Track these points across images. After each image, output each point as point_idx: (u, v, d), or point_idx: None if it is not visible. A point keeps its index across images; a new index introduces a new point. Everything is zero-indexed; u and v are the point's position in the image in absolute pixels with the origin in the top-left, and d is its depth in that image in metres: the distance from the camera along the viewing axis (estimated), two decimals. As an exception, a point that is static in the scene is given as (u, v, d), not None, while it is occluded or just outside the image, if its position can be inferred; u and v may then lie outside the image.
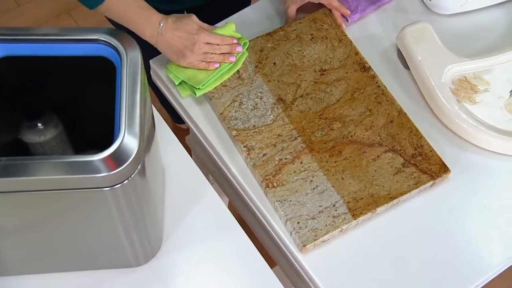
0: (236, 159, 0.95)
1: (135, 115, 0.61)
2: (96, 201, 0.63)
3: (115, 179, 0.60)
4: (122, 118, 0.60)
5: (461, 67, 1.00)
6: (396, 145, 0.94)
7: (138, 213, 0.69)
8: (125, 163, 0.59)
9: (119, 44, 0.64)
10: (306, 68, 1.01)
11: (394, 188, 0.90)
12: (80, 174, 0.57)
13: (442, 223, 0.91)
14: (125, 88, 0.62)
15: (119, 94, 0.61)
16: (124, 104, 0.61)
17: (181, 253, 0.86)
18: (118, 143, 0.59)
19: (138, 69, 0.63)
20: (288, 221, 0.87)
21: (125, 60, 0.63)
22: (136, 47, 0.64)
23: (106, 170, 0.58)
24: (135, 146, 0.60)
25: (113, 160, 0.58)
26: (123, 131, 0.59)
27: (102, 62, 0.67)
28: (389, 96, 0.98)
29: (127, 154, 0.60)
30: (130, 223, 0.70)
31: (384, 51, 1.07)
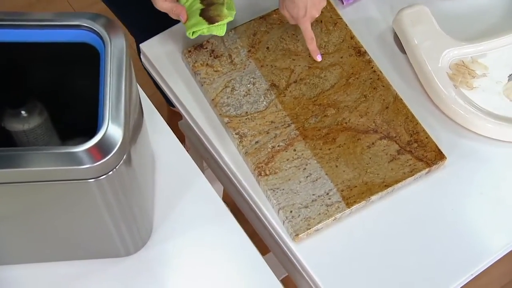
0: (228, 146, 0.93)
1: (120, 104, 0.59)
2: (81, 193, 0.62)
3: (100, 170, 0.59)
4: (106, 107, 0.58)
5: (458, 51, 0.98)
6: (392, 132, 0.92)
7: (125, 203, 0.68)
8: (109, 153, 0.58)
9: (102, 30, 0.62)
10: (300, 53, 0.99)
11: (389, 175, 0.89)
12: (62, 165, 0.56)
13: (438, 211, 0.90)
14: (109, 76, 0.60)
15: (102, 82, 0.60)
16: (108, 92, 0.59)
17: (171, 242, 0.86)
18: (101, 134, 0.57)
19: (123, 56, 0.62)
20: (280, 210, 0.86)
21: (109, 47, 0.61)
22: (121, 33, 0.62)
23: (90, 162, 0.57)
24: (120, 136, 0.59)
25: (96, 151, 0.57)
26: (107, 121, 0.58)
27: (86, 48, 0.65)
28: (384, 82, 0.97)
29: (112, 144, 0.58)
30: (117, 213, 0.69)
31: (381, 34, 1.05)
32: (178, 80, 0.98)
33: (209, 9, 0.90)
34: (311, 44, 0.95)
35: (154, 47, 1.01)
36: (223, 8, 0.91)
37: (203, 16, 0.89)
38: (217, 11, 0.89)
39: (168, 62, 1.00)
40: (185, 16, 0.90)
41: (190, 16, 0.91)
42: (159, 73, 1.00)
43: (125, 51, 0.62)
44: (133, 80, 0.67)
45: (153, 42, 1.02)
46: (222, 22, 0.90)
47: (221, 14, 0.89)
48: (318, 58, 0.96)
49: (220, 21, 0.89)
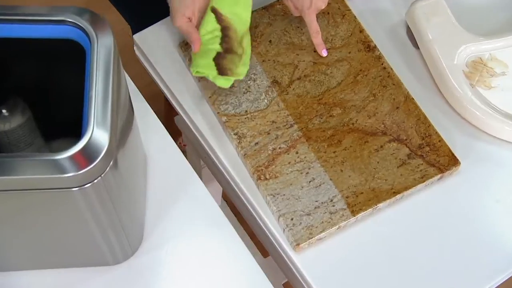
0: (226, 147, 0.92)
1: (106, 107, 0.59)
2: (64, 202, 0.61)
3: (84, 178, 0.58)
4: (91, 111, 0.58)
5: (476, 47, 0.97)
6: (402, 134, 0.91)
7: (113, 211, 0.68)
8: (94, 160, 0.57)
9: (88, 26, 0.61)
10: (305, 47, 0.97)
11: (398, 181, 0.88)
12: (42, 174, 0.55)
13: (450, 220, 0.89)
14: (95, 76, 0.59)
15: (88, 83, 0.59)
16: (93, 95, 0.58)
17: (163, 250, 0.85)
18: (86, 139, 0.57)
19: (111, 55, 0.61)
20: (281, 217, 0.85)
21: (95, 44, 0.60)
22: (109, 29, 0.61)
23: (73, 170, 0.56)
24: (106, 141, 0.58)
25: (80, 158, 0.56)
26: (91, 126, 0.57)
27: (71, 44, 0.64)
28: (395, 79, 0.95)
29: (97, 150, 0.57)
30: (104, 222, 0.69)
31: (392, 28, 1.03)
32: (174, 75, 0.97)
33: (224, 57, 0.88)
34: (316, 38, 0.94)
35: (148, 38, 1.00)
36: (239, 63, 0.89)
37: (216, 62, 0.88)
38: (232, 64, 0.88)
39: (163, 55, 0.99)
40: (197, 48, 0.88)
41: (202, 52, 0.89)
42: (153, 67, 0.99)
43: (113, 49, 0.61)
44: (122, 79, 0.66)
45: (148, 33, 1.01)
46: (231, 78, 0.89)
47: (234, 70, 0.88)
48: (324, 53, 0.95)
49: (230, 76, 0.88)
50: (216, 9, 0.90)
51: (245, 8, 0.92)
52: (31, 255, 0.79)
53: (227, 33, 0.90)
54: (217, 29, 0.90)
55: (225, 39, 0.90)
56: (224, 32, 0.90)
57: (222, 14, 0.90)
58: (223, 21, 0.90)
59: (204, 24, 0.90)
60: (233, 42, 0.90)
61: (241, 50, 0.90)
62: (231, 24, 0.90)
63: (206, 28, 0.90)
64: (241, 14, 0.92)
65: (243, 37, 0.91)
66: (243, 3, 0.92)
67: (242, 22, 0.92)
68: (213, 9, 0.90)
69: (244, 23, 0.92)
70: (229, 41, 0.90)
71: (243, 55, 0.90)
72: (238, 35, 0.91)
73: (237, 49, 0.90)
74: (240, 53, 0.90)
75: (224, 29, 0.90)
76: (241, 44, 0.90)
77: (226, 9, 0.91)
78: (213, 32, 0.90)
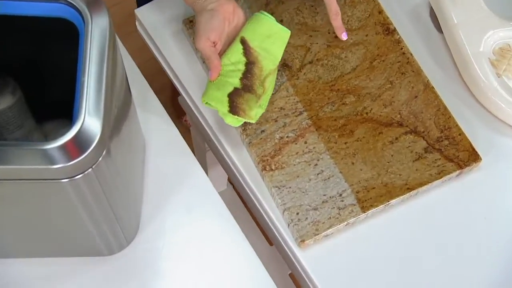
0: (231, 133, 0.92)
1: (99, 94, 0.58)
2: (53, 193, 0.61)
3: (74, 169, 0.58)
4: (83, 98, 0.57)
5: (505, 33, 0.95)
6: (419, 126, 0.90)
7: (106, 203, 0.68)
8: (85, 151, 0.57)
9: (83, 5, 0.60)
10: (319, 28, 0.96)
11: (413, 177, 0.87)
12: (29, 164, 0.55)
13: (468, 220, 0.88)
14: (88, 60, 0.59)
15: (80, 68, 0.59)
16: (86, 80, 0.58)
17: (160, 241, 0.86)
18: (76, 128, 0.56)
19: (106, 37, 0.60)
20: (285, 211, 0.85)
21: (90, 26, 0.60)
22: (105, 10, 0.60)
23: (62, 161, 0.56)
24: (98, 130, 0.58)
25: (70, 148, 0.56)
26: (83, 114, 0.57)
27: (64, 23, 0.63)
28: (415, 66, 0.94)
29: (88, 140, 0.57)
30: (97, 213, 0.69)
31: (415, 9, 1.02)
32: (177, 54, 0.97)
33: (241, 95, 0.84)
34: (336, 20, 0.92)
35: (151, 13, 1.00)
36: (255, 104, 0.85)
37: (230, 98, 0.84)
38: (246, 105, 0.84)
39: (166, 32, 0.98)
40: (214, 77, 0.85)
41: (218, 83, 0.85)
42: (156, 44, 0.98)
43: (109, 31, 0.60)
44: (119, 62, 0.66)
45: (151, 8, 1.00)
46: (241, 119, 0.85)
47: (247, 111, 0.84)
48: (344, 37, 0.93)
49: (242, 117, 0.84)
50: (245, 40, 0.87)
51: (279, 45, 0.89)
52: (22, 243, 0.79)
53: (251, 69, 0.86)
54: (241, 62, 0.86)
55: (247, 75, 0.86)
56: (248, 67, 0.86)
57: (251, 47, 0.87)
58: (250, 54, 0.86)
59: (229, 54, 0.86)
60: (255, 80, 0.86)
61: (261, 90, 0.86)
62: (259, 60, 0.87)
63: (230, 59, 0.86)
64: (273, 50, 0.88)
65: (268, 76, 0.87)
66: (278, 39, 0.88)
67: (272, 59, 0.88)
68: (242, 40, 0.87)
69: (274, 61, 0.88)
70: (251, 78, 0.86)
71: (262, 95, 0.86)
72: (263, 74, 0.87)
73: (257, 89, 0.86)
74: (260, 94, 0.86)
75: (249, 64, 0.86)
76: (263, 83, 0.87)
77: (256, 42, 0.87)
78: (237, 64, 0.86)
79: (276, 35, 0.88)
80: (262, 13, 0.89)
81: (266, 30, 0.88)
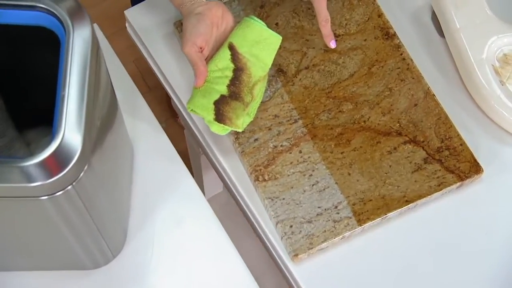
0: (223, 141, 0.91)
1: (80, 108, 0.57)
2: (32, 210, 0.60)
3: (54, 186, 0.57)
4: (63, 112, 0.56)
5: (509, 38, 0.94)
6: (419, 135, 0.90)
7: (89, 218, 0.67)
8: (65, 167, 0.56)
9: (64, 15, 0.59)
10: (316, 32, 0.95)
11: (412, 189, 0.86)
12: (6, 182, 0.54)
13: (468, 235, 0.87)
14: (68, 72, 0.58)
15: (61, 80, 0.58)
16: (66, 93, 0.57)
17: (148, 253, 0.85)
18: (55, 144, 0.55)
19: (88, 48, 0.59)
20: (279, 224, 0.84)
21: (71, 35, 0.59)
22: (88, 20, 0.59)
23: (41, 178, 0.55)
24: (78, 145, 0.57)
25: (49, 165, 0.55)
26: (62, 129, 0.56)
27: (47, 32, 0.63)
28: (415, 73, 0.93)
29: (68, 156, 0.56)
30: (80, 228, 0.68)
31: (416, 12, 1.01)
32: (167, 57, 0.96)
33: (228, 102, 0.82)
34: (325, 27, 0.90)
35: (141, 14, 0.99)
36: (242, 112, 0.83)
37: (216, 106, 0.82)
38: (233, 113, 0.83)
39: (157, 35, 0.97)
40: (200, 84, 0.83)
41: (204, 90, 0.83)
42: (146, 47, 0.97)
43: (91, 42, 0.59)
44: (102, 73, 0.65)
45: (141, 9, 0.99)
46: (227, 128, 0.84)
47: (234, 120, 0.83)
48: (332, 45, 0.91)
49: (228, 125, 0.83)
50: (234, 46, 0.85)
51: (269, 52, 0.87)
52: (4, 257, 0.79)
53: (239, 76, 0.84)
54: (229, 69, 0.84)
55: (235, 82, 0.84)
56: (236, 74, 0.84)
57: (240, 53, 0.85)
58: (239, 60, 0.85)
59: (216, 60, 0.85)
60: (244, 87, 0.84)
61: (249, 98, 0.84)
62: (247, 66, 0.85)
63: (217, 65, 0.84)
64: (263, 57, 0.86)
65: (257, 83, 0.86)
66: (268, 45, 0.86)
67: (261, 66, 0.86)
68: (230, 45, 0.85)
69: (263, 67, 0.86)
70: (239, 85, 0.84)
71: (250, 103, 0.85)
72: (251, 81, 0.85)
73: (245, 96, 0.84)
74: (248, 102, 0.84)
75: (237, 70, 0.84)
76: (252, 91, 0.85)
77: (245, 48, 0.85)
78: (224, 70, 0.84)
79: (266, 41, 0.87)
80: (252, 18, 0.87)
81: (256, 35, 0.86)
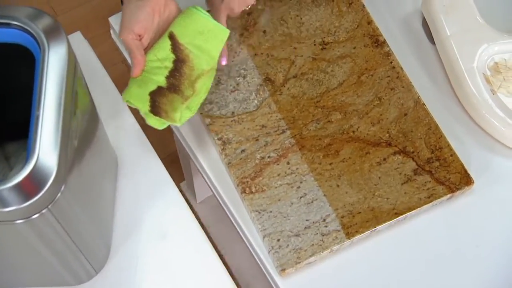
0: (210, 152, 0.90)
1: (56, 128, 0.56)
2: (8, 233, 0.59)
3: (29, 210, 0.55)
4: (37, 134, 0.55)
5: (500, 46, 0.93)
6: (409, 146, 0.88)
7: (68, 238, 0.65)
8: (40, 191, 0.54)
9: (39, 32, 0.57)
10: (304, 40, 0.94)
11: (401, 201, 0.85)
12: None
13: (459, 248, 0.86)
14: (43, 92, 0.56)
15: (35, 100, 0.56)
16: (40, 114, 0.55)
17: (133, 267, 0.83)
18: (29, 168, 0.54)
19: (65, 66, 0.57)
20: (266, 237, 0.83)
21: (46, 54, 0.57)
22: (64, 38, 0.58)
23: (15, 203, 0.53)
24: (54, 167, 0.55)
25: (23, 190, 0.53)
26: (36, 152, 0.54)
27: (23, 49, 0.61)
28: (405, 81, 0.92)
29: (43, 179, 0.55)
30: (59, 248, 0.67)
31: (406, 17, 0.99)
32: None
33: (165, 94, 0.78)
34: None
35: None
36: (180, 105, 0.79)
37: (152, 97, 0.77)
38: (169, 106, 0.78)
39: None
40: (136, 73, 0.78)
41: (141, 81, 0.78)
42: (132, 55, 0.96)
43: (68, 60, 0.58)
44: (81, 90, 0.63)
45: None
46: (163, 121, 0.79)
47: (170, 113, 0.78)
48: (222, 62, 0.85)
49: (164, 118, 0.78)
50: (174, 36, 0.79)
51: (214, 44, 0.81)
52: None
53: (180, 68, 0.79)
54: (169, 59, 0.79)
55: (175, 73, 0.79)
56: (176, 65, 0.79)
57: (181, 43, 0.79)
58: (180, 51, 0.79)
59: (156, 49, 0.79)
60: (184, 80, 0.79)
61: (190, 91, 0.79)
62: (190, 58, 0.80)
63: (156, 54, 0.79)
64: (207, 49, 0.81)
65: (200, 76, 0.81)
66: (212, 37, 0.81)
67: (206, 59, 0.81)
68: (170, 35, 0.79)
69: (208, 61, 0.81)
70: (180, 77, 0.79)
71: (191, 97, 0.80)
72: (193, 74, 0.80)
73: (185, 89, 0.79)
74: (188, 95, 0.79)
75: (178, 62, 0.79)
76: (194, 84, 0.80)
77: (187, 39, 0.79)
78: (164, 61, 0.79)
79: (210, 32, 0.80)
80: (196, 8, 0.80)
81: (199, 26, 0.80)
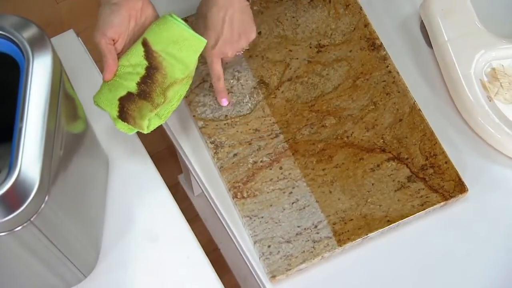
0: (202, 155, 0.89)
1: (40, 139, 0.55)
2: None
3: (12, 223, 0.55)
4: (19, 147, 0.54)
5: (498, 52, 0.91)
6: (403, 152, 0.87)
7: (53, 247, 0.65)
8: (22, 204, 0.54)
9: (24, 42, 0.56)
10: (300, 42, 0.92)
11: (394, 208, 0.84)
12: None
13: (451, 256, 0.85)
14: (26, 103, 0.55)
15: (19, 111, 0.55)
16: (23, 125, 0.54)
17: (122, 270, 0.83)
18: (10, 181, 0.53)
19: (49, 77, 0.56)
20: (256, 243, 0.82)
21: (31, 63, 0.56)
22: (49, 48, 0.56)
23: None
24: (36, 179, 0.54)
25: (4, 203, 0.53)
26: (18, 165, 0.53)
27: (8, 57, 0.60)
28: (401, 86, 0.90)
29: (25, 191, 0.54)
30: (45, 257, 0.66)
31: (404, 22, 0.97)
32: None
33: (134, 101, 0.76)
34: (217, 84, 0.85)
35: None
36: (149, 113, 0.77)
37: (121, 102, 0.76)
38: (138, 113, 0.76)
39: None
40: (107, 77, 0.76)
41: (112, 85, 0.76)
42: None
43: (53, 71, 0.57)
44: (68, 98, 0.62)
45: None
46: (130, 127, 0.77)
47: (138, 121, 0.77)
48: (223, 103, 0.86)
49: (132, 125, 0.77)
50: (147, 42, 0.77)
51: (188, 53, 0.79)
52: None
53: (152, 75, 0.77)
54: (141, 65, 0.77)
55: (147, 80, 0.77)
56: (148, 72, 0.77)
57: (154, 50, 0.77)
58: (153, 58, 0.77)
59: (129, 55, 0.77)
60: (156, 87, 0.77)
61: (161, 99, 0.77)
62: (163, 66, 0.78)
63: (129, 60, 0.77)
64: (182, 58, 0.79)
65: (173, 85, 0.79)
66: (187, 47, 0.79)
67: (180, 68, 0.79)
68: (144, 42, 0.77)
69: (182, 70, 0.79)
70: (151, 84, 0.77)
71: (162, 105, 0.78)
72: (166, 81, 0.78)
73: (156, 97, 0.77)
74: (158, 103, 0.77)
75: (151, 69, 0.77)
76: (166, 92, 0.78)
77: (160, 46, 0.78)
78: (136, 67, 0.77)
79: (186, 41, 0.78)
80: (171, 16, 0.79)
81: (173, 34, 0.78)
